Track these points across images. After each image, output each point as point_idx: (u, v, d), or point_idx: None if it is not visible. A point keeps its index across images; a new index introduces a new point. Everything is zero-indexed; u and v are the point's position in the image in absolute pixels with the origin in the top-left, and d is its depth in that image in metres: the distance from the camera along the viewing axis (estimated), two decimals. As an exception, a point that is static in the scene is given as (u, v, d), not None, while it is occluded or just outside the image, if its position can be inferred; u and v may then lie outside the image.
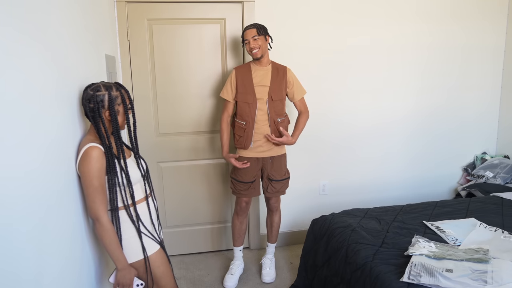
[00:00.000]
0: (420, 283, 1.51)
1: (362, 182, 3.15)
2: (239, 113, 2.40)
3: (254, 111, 2.36)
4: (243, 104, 2.37)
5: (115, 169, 1.44)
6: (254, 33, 2.29)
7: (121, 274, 1.45)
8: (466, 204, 2.44)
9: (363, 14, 2.89)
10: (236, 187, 2.47)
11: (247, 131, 2.38)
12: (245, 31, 2.31)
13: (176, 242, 2.95)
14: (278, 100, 2.38)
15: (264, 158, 2.43)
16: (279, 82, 2.38)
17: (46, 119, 1.13)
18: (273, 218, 2.62)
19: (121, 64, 2.62)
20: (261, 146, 2.41)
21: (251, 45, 2.29)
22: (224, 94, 2.43)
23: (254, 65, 2.41)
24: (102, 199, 1.39)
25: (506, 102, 3.25)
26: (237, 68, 2.41)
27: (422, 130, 3.18)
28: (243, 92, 2.36)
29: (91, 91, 1.42)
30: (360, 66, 2.96)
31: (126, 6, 2.57)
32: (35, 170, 1.03)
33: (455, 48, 3.11)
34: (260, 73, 2.38)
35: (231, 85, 2.40)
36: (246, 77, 2.37)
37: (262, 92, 2.36)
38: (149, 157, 2.78)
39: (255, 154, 2.42)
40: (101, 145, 1.42)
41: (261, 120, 2.37)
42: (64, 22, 1.37)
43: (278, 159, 2.46)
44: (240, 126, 2.40)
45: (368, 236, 1.97)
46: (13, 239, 0.88)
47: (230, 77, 2.41)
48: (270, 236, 2.66)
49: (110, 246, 1.41)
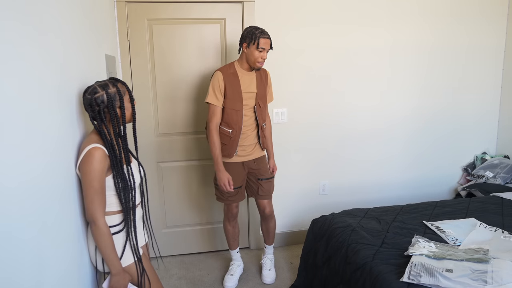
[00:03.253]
0: (420, 283, 1.51)
1: (362, 182, 3.15)
2: (225, 120, 2.25)
3: (241, 118, 2.24)
4: (231, 111, 2.23)
5: (121, 171, 1.41)
6: (269, 45, 2.18)
7: (115, 279, 1.41)
8: (466, 204, 2.44)
9: (364, 15, 2.89)
10: (223, 195, 2.38)
11: (233, 139, 2.26)
12: (263, 37, 2.15)
13: (176, 242, 2.94)
14: (264, 106, 2.34)
15: (249, 161, 2.37)
16: (263, 87, 2.32)
17: (45, 118, 1.13)
18: (269, 225, 2.55)
19: (121, 64, 2.62)
20: (244, 150, 2.33)
21: (264, 56, 2.17)
22: (212, 99, 2.22)
23: (240, 69, 2.26)
24: (100, 201, 1.36)
25: (506, 102, 3.25)
26: (224, 72, 2.23)
27: (422, 130, 3.18)
28: (231, 98, 2.21)
29: (89, 95, 1.39)
30: (361, 67, 2.96)
31: (126, 6, 2.57)
32: (35, 170, 1.03)
33: (455, 49, 3.11)
34: (247, 78, 2.27)
35: (220, 89, 2.21)
36: (234, 82, 2.23)
37: (249, 99, 2.26)
38: (149, 157, 2.78)
39: (239, 159, 2.34)
40: (104, 147, 1.39)
41: (246, 126, 2.28)
42: (64, 22, 1.37)
43: (261, 159, 2.42)
44: (225, 134, 2.27)
45: (368, 236, 1.97)
46: (12, 240, 0.88)
47: (217, 80, 2.21)
48: (267, 239, 2.61)
49: (105, 250, 1.38)
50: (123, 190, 1.44)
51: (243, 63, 2.26)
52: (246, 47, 2.20)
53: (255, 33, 2.16)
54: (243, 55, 2.24)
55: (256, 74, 2.31)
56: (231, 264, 2.62)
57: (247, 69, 2.27)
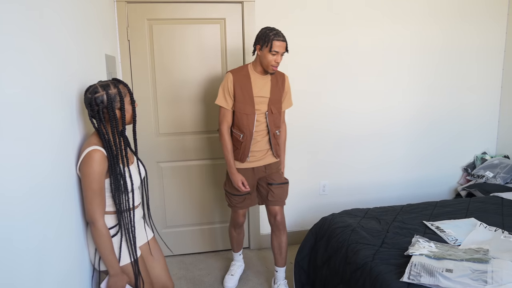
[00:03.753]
0: (420, 283, 1.51)
1: (362, 182, 3.15)
2: (236, 124, 2.17)
3: (253, 123, 2.14)
4: (241, 115, 2.13)
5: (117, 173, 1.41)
6: (284, 48, 2.05)
7: (113, 280, 1.42)
8: (466, 204, 2.44)
9: (364, 15, 2.89)
10: (231, 201, 2.32)
11: (244, 144, 2.17)
12: (277, 40, 2.02)
13: (176, 242, 2.94)
14: (277, 113, 2.21)
15: (259, 167, 2.26)
16: (278, 93, 2.20)
17: (45, 118, 1.13)
18: (281, 238, 2.32)
19: (121, 64, 2.62)
20: (254, 156, 2.23)
21: (278, 60, 2.05)
22: (221, 101, 2.15)
23: (254, 72, 2.16)
24: (99, 202, 1.37)
25: (506, 102, 3.25)
26: (234, 73, 2.14)
27: (422, 130, 3.18)
28: (242, 101, 2.12)
29: (90, 95, 1.40)
30: (361, 67, 2.96)
31: (126, 6, 2.57)
32: (35, 169, 1.03)
33: (455, 49, 3.11)
34: (260, 82, 2.15)
35: (229, 92, 2.13)
36: (245, 85, 2.12)
37: (261, 104, 2.16)
38: (149, 157, 2.78)
39: (250, 165, 2.24)
40: (104, 149, 1.40)
41: (257, 132, 2.17)
42: (64, 22, 1.37)
43: (273, 165, 2.29)
44: (237, 138, 2.18)
45: (368, 236, 1.97)
46: (12, 239, 0.88)
47: (227, 82, 2.13)
48: (279, 260, 2.35)
49: (104, 251, 1.39)
50: (116, 191, 1.43)
51: (257, 65, 2.15)
52: (259, 49, 2.09)
53: (269, 35, 2.03)
54: (257, 58, 2.13)
55: (272, 78, 2.18)
56: (232, 265, 2.62)
57: (261, 72, 2.15)
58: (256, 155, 2.23)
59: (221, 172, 2.91)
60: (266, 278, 2.61)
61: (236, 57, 2.77)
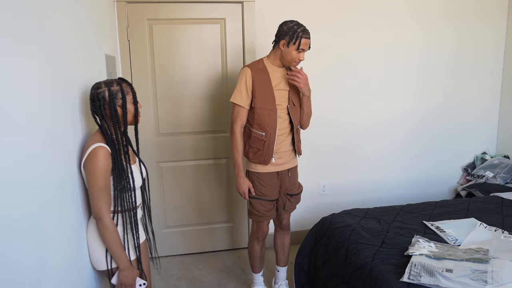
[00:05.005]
0: (420, 283, 1.51)
1: (362, 182, 3.15)
2: (257, 122, 2.01)
3: (275, 120, 2.00)
4: (263, 111, 1.98)
5: (122, 171, 1.42)
6: (308, 46, 1.95)
7: (123, 274, 1.44)
8: (466, 204, 2.44)
9: (364, 15, 2.89)
10: (260, 211, 2.08)
11: (267, 143, 2.01)
12: (305, 37, 1.92)
13: (176, 242, 2.94)
14: (298, 106, 2.08)
15: (283, 172, 2.12)
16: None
17: (46, 118, 1.13)
18: (284, 238, 2.30)
19: (121, 64, 2.62)
20: (281, 158, 2.09)
21: (302, 57, 1.95)
22: (237, 99, 2.00)
23: (270, 65, 2.04)
24: (106, 199, 1.39)
25: (506, 102, 3.25)
26: (252, 67, 2.01)
27: (422, 130, 3.18)
28: (262, 96, 1.97)
29: (93, 90, 1.42)
30: (361, 67, 2.96)
31: (126, 6, 2.57)
32: (34, 169, 1.03)
33: (455, 48, 3.11)
34: (278, 74, 2.03)
35: (247, 88, 1.98)
36: (264, 78, 1.99)
37: (281, 97, 2.02)
38: (149, 157, 2.78)
39: (274, 168, 2.08)
40: (108, 146, 1.41)
41: (281, 130, 2.04)
42: (64, 22, 1.37)
43: (294, 171, 2.18)
44: (259, 138, 2.02)
45: (368, 236, 1.97)
46: (12, 235, 0.88)
47: (245, 77, 1.99)
48: (281, 259, 2.31)
49: (112, 246, 1.41)
50: (120, 188, 1.44)
51: (276, 59, 2.02)
52: (285, 44, 1.95)
53: (297, 31, 1.90)
54: (278, 52, 2.00)
55: (288, 69, 2.06)
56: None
57: (279, 65, 2.04)
58: (283, 156, 2.09)
59: (222, 172, 2.91)
60: (266, 278, 2.61)
61: (236, 57, 2.77)
